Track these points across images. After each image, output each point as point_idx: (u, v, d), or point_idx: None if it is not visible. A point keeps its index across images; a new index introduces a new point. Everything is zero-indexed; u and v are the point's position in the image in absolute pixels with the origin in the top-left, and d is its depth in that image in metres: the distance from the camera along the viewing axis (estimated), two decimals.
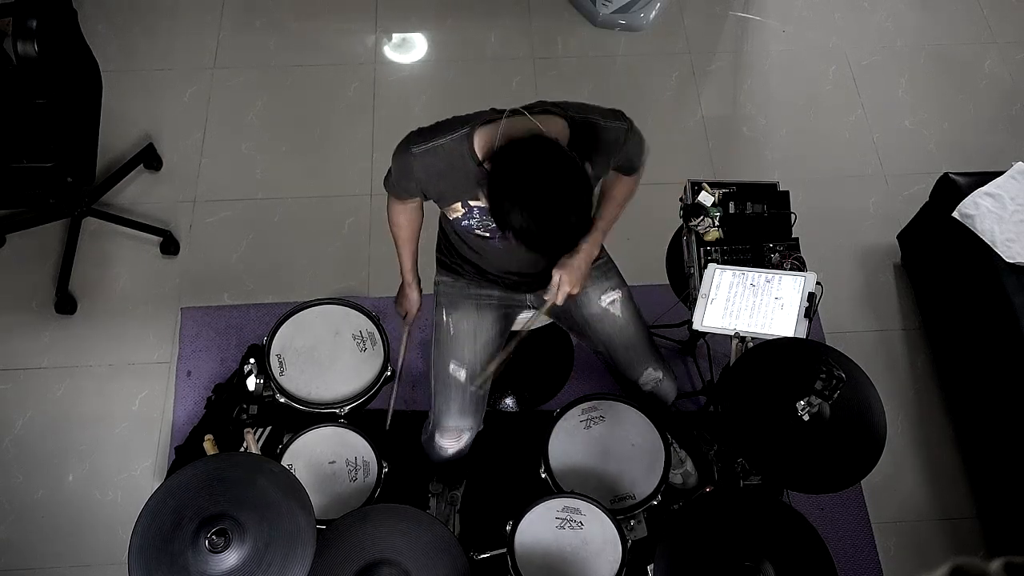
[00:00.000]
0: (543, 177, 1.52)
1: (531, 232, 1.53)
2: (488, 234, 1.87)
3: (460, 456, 2.15)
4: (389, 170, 1.85)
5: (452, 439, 2.08)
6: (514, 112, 1.67)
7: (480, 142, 1.68)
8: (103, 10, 3.42)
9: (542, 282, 2.08)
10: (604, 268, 2.11)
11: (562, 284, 1.91)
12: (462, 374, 2.03)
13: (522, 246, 1.57)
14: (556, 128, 1.67)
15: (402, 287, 2.18)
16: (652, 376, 2.11)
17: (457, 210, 1.81)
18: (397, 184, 1.84)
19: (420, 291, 2.18)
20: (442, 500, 2.37)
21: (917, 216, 2.83)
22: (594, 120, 1.73)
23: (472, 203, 1.79)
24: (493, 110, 1.72)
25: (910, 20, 3.57)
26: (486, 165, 1.65)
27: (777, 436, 1.82)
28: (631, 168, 1.94)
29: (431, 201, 1.89)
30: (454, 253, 2.06)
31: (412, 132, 1.76)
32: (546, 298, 1.95)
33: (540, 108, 1.71)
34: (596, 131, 1.73)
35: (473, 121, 1.71)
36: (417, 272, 2.15)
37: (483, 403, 2.09)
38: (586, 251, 1.93)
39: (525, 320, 2.16)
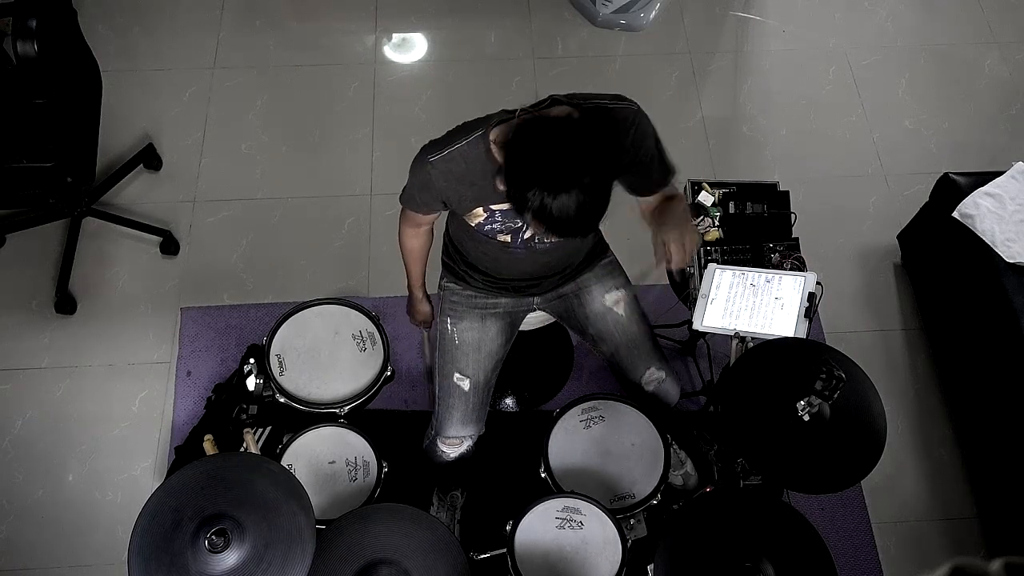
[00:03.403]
0: (553, 149, 1.49)
1: (546, 208, 1.48)
2: (509, 239, 1.85)
3: (463, 459, 2.15)
4: (404, 190, 1.84)
5: (453, 446, 2.10)
6: (525, 111, 1.66)
7: (496, 141, 1.67)
8: (103, 10, 3.42)
9: (553, 284, 2.08)
10: (609, 267, 2.11)
11: (671, 244, 1.75)
12: (466, 384, 2.04)
13: (541, 227, 1.53)
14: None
15: (411, 302, 2.20)
16: (655, 376, 2.11)
17: (479, 215, 1.80)
18: (415, 198, 1.82)
19: (430, 301, 2.20)
20: (441, 512, 2.37)
21: (917, 216, 2.82)
22: (602, 103, 1.71)
23: (494, 207, 1.77)
24: (504, 111, 1.71)
25: (910, 20, 3.57)
26: (497, 153, 1.64)
27: (777, 436, 1.82)
28: (662, 179, 1.85)
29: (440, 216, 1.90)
30: (462, 260, 2.05)
31: (425, 145, 1.74)
32: (664, 259, 1.77)
33: (551, 102, 1.70)
34: (607, 113, 1.71)
35: (486, 123, 1.70)
36: (425, 286, 2.16)
37: (484, 411, 2.10)
38: (680, 219, 1.80)
39: (535, 320, 2.18)
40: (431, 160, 1.71)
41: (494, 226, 1.82)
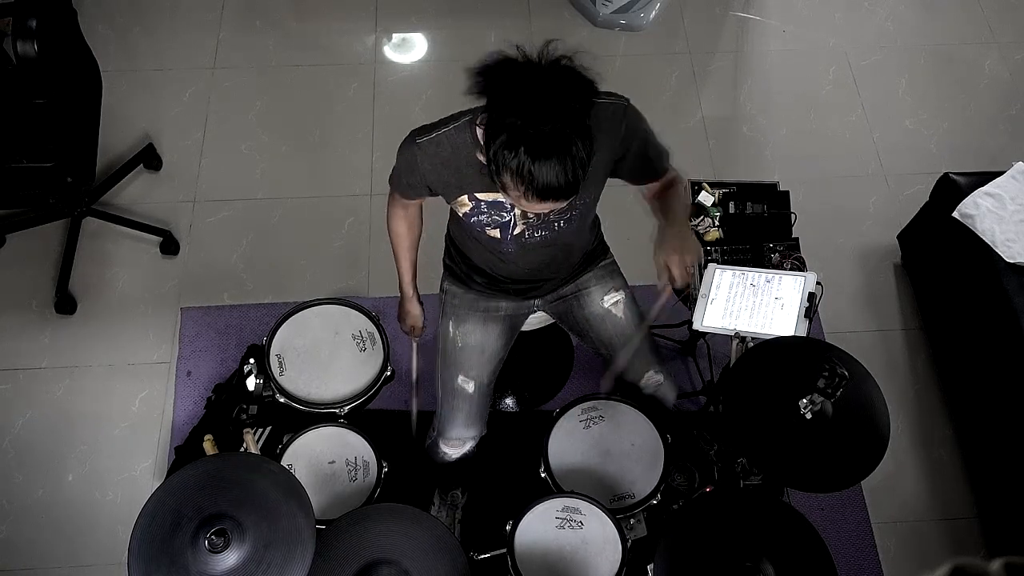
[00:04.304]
0: (536, 103, 1.45)
1: (521, 163, 1.45)
2: (498, 233, 1.86)
3: (464, 459, 2.15)
4: (392, 170, 1.84)
5: (455, 447, 2.09)
6: None
7: (480, 124, 1.67)
8: (103, 10, 3.42)
9: (554, 287, 2.08)
10: (608, 269, 2.11)
11: (671, 263, 1.76)
12: (470, 386, 2.04)
13: (521, 187, 1.49)
14: None
15: (402, 302, 2.15)
16: (653, 380, 2.11)
17: (465, 204, 1.80)
18: (402, 180, 1.83)
19: (421, 304, 2.15)
20: (442, 511, 2.37)
21: (917, 216, 2.82)
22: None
23: (479, 196, 1.77)
24: None
25: (910, 20, 3.57)
26: (481, 136, 1.62)
27: (780, 435, 1.82)
28: (660, 164, 1.86)
29: (434, 202, 1.88)
30: (464, 261, 2.04)
31: (415, 128, 1.76)
32: (668, 283, 1.79)
33: None
34: (593, 108, 1.69)
35: (476, 111, 1.70)
36: (416, 284, 2.12)
37: (486, 411, 2.10)
38: (678, 229, 1.81)
39: (535, 320, 2.17)
40: (418, 142, 1.72)
41: (481, 218, 1.82)
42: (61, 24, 2.46)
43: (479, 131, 1.66)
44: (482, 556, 2.02)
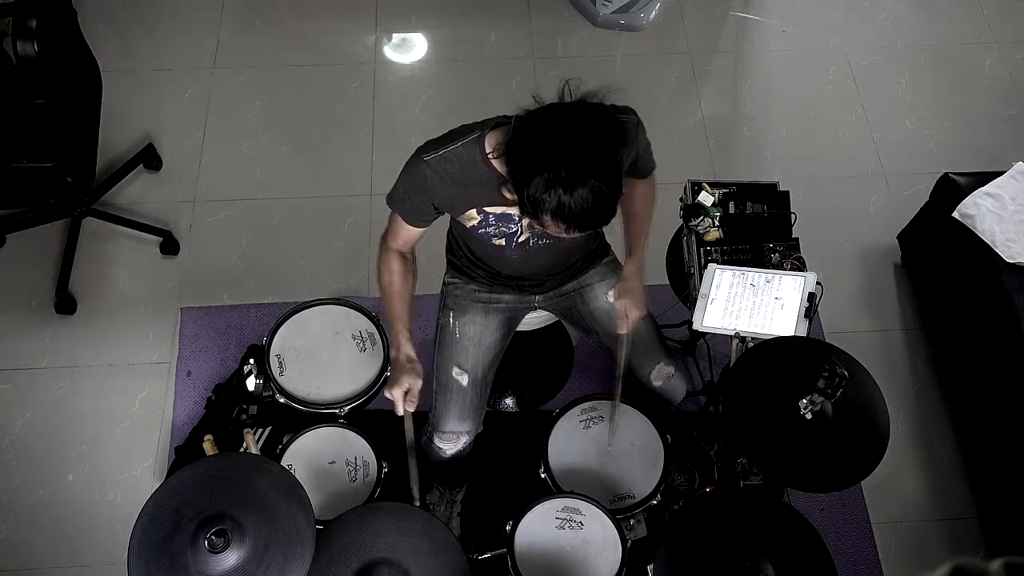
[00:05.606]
0: (557, 144, 1.48)
1: (565, 206, 1.47)
2: (504, 242, 1.85)
3: (459, 457, 2.15)
4: (393, 189, 1.81)
5: (450, 442, 2.08)
6: (520, 116, 1.63)
7: (492, 145, 1.67)
8: (103, 10, 3.42)
9: (555, 283, 2.08)
10: (611, 265, 2.12)
11: (629, 311, 1.92)
12: (464, 379, 2.04)
13: (562, 225, 1.52)
14: None
15: (396, 360, 1.86)
16: (664, 371, 2.11)
17: (472, 218, 1.79)
18: (405, 202, 1.79)
19: (416, 355, 1.88)
20: (441, 503, 2.37)
21: (917, 216, 2.83)
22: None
23: (488, 209, 1.77)
24: (502, 116, 1.71)
25: (910, 20, 3.57)
26: (493, 158, 1.65)
27: (780, 435, 1.82)
28: (645, 169, 1.95)
29: (438, 218, 1.87)
30: (466, 256, 2.05)
31: (421, 145, 1.74)
32: (620, 333, 1.95)
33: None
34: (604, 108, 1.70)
35: (482, 127, 1.70)
36: (411, 333, 1.88)
37: (482, 407, 2.09)
38: (635, 272, 1.95)
39: (534, 321, 2.17)
40: (426, 159, 1.71)
41: (488, 230, 1.82)
42: (61, 24, 2.46)
43: (496, 162, 1.66)
44: (482, 556, 2.02)
